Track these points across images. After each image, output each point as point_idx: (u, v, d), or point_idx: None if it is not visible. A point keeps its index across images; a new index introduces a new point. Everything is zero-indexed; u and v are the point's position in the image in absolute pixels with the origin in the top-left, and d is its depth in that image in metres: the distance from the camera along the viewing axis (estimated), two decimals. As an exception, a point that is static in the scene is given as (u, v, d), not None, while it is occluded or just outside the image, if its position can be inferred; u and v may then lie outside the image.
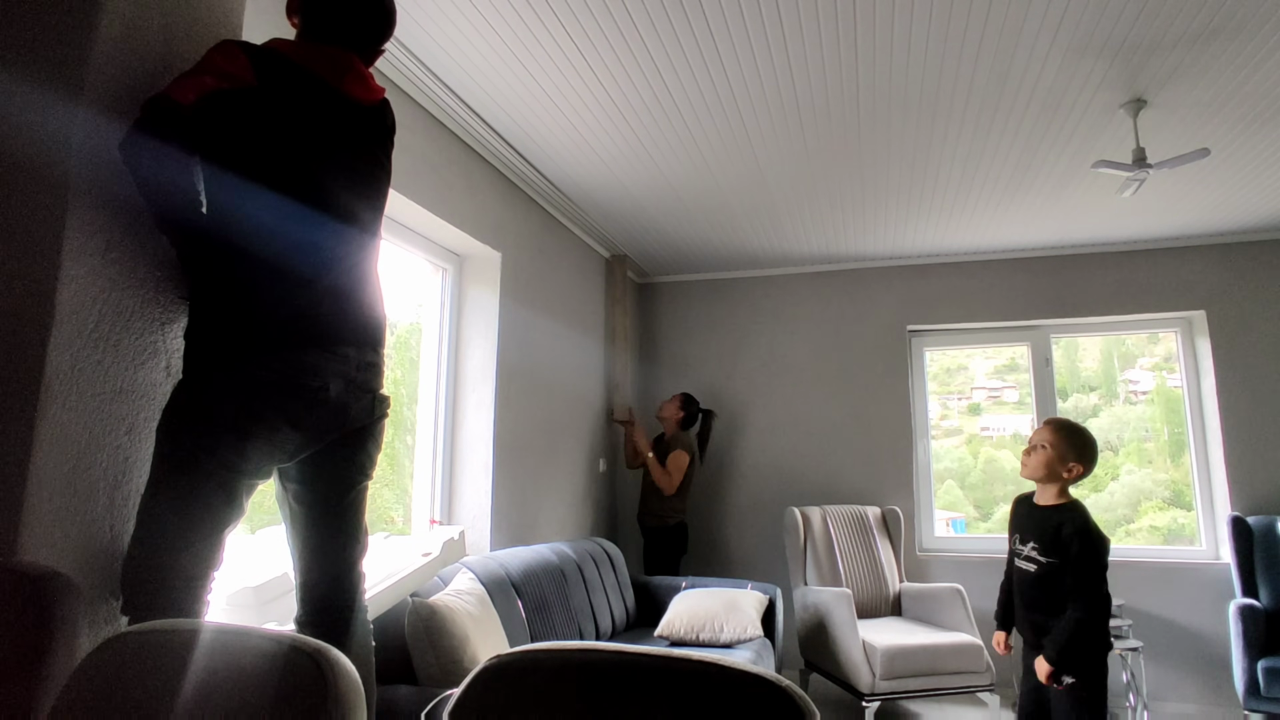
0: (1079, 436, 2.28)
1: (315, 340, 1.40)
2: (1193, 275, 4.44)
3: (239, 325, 1.34)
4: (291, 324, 1.38)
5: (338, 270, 1.46)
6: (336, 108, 1.50)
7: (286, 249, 1.39)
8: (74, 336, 1.27)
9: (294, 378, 1.36)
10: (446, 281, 3.45)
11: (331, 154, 1.49)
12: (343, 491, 1.54)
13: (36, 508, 1.19)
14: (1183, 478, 4.52)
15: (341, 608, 1.53)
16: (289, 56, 1.45)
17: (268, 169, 1.39)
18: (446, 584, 2.47)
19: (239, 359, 1.33)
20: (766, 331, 5.12)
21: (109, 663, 0.85)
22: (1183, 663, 4.09)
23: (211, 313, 1.35)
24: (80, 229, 1.28)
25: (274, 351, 1.35)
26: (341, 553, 1.55)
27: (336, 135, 1.50)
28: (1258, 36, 2.42)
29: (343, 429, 1.49)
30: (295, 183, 1.41)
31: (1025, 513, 2.39)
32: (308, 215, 1.43)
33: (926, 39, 2.44)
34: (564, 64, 2.61)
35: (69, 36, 1.32)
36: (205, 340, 1.35)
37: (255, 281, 1.36)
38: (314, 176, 1.45)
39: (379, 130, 1.62)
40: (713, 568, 4.90)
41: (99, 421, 1.31)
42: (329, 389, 1.42)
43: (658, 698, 0.75)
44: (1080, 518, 2.21)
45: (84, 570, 1.27)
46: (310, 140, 1.45)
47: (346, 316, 1.46)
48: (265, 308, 1.36)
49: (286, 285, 1.38)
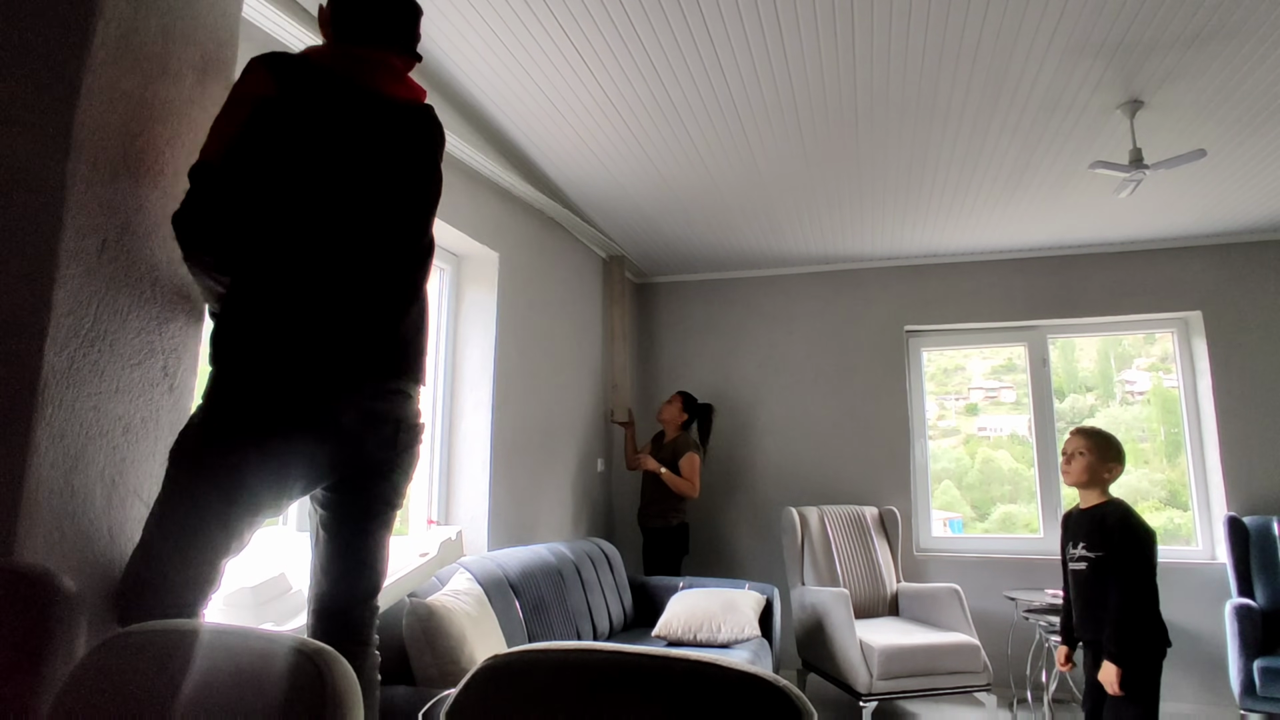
0: (1110, 439, 2.43)
1: (327, 369, 1.35)
2: (1189, 276, 4.45)
3: (251, 355, 1.31)
4: (303, 353, 1.33)
5: (361, 287, 1.39)
6: (367, 106, 1.44)
7: (305, 266, 1.35)
8: (70, 336, 1.27)
9: (304, 411, 1.33)
10: (444, 282, 3.45)
11: (363, 155, 1.42)
12: (365, 522, 1.49)
13: (33, 508, 1.19)
14: (1179, 478, 4.53)
15: (346, 642, 1.47)
16: (314, 60, 1.42)
17: (291, 178, 1.35)
18: (444, 584, 2.47)
19: (251, 392, 1.30)
20: (764, 332, 5.12)
21: (107, 663, 0.85)
22: (1179, 662, 4.09)
23: (228, 338, 1.33)
24: (76, 229, 1.28)
25: (284, 384, 1.32)
26: (356, 586, 1.51)
27: (368, 135, 1.43)
28: (1254, 38, 2.42)
29: (361, 461, 1.43)
30: (319, 192, 1.37)
31: (1074, 520, 2.48)
32: (330, 227, 1.37)
33: (924, 40, 2.44)
34: (563, 65, 2.61)
35: (66, 37, 1.32)
36: (221, 366, 1.32)
37: (270, 305, 1.33)
38: (340, 182, 1.39)
39: (423, 132, 1.54)
40: (710, 568, 4.90)
41: (96, 421, 1.31)
42: (340, 421, 1.36)
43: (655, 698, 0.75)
44: (1122, 509, 2.33)
45: (81, 570, 1.27)
46: (336, 143, 1.39)
47: (366, 340, 1.39)
48: (278, 334, 1.32)
49: (300, 309, 1.33)
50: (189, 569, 1.26)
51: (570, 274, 4.30)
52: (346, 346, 1.37)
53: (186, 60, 1.52)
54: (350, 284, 1.38)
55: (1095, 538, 2.34)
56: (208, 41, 1.58)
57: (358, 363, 1.38)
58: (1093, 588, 2.33)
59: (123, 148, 1.37)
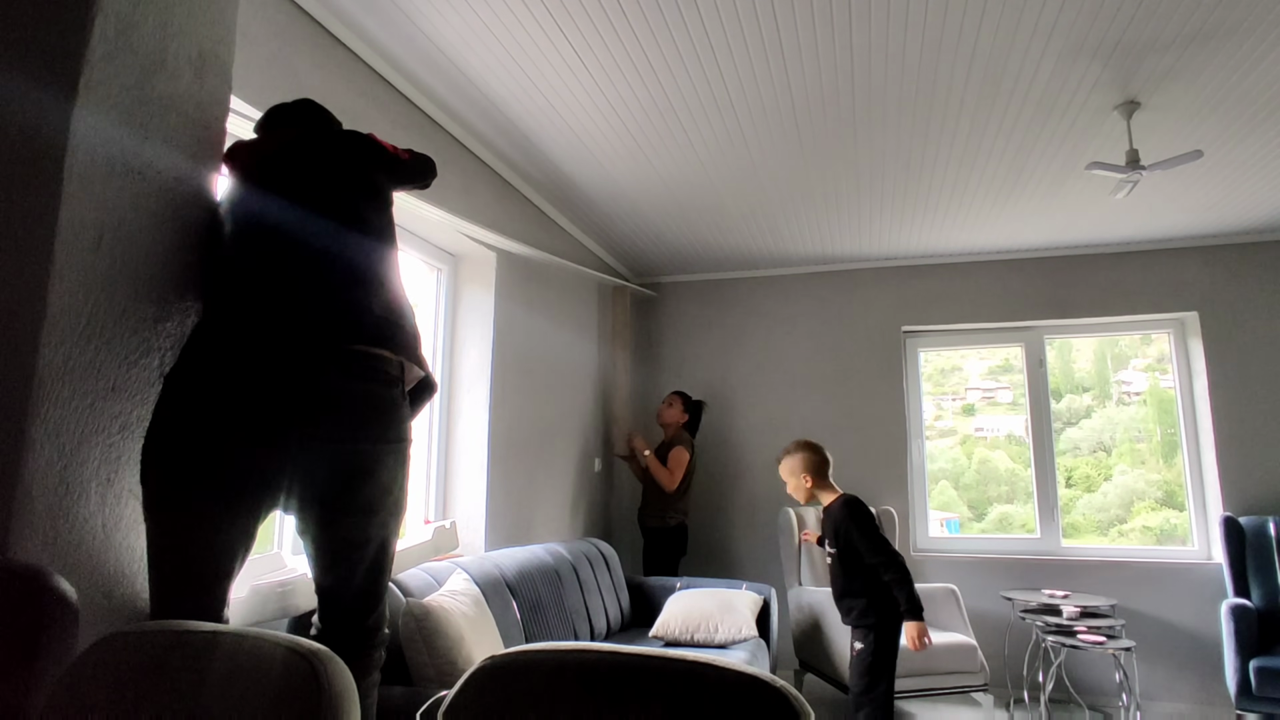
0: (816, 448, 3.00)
1: (259, 361, 1.37)
2: (1186, 277, 4.46)
3: (191, 353, 1.39)
4: (231, 348, 1.37)
5: (301, 294, 1.44)
6: (279, 148, 1.60)
7: (242, 290, 1.43)
8: (66, 334, 1.26)
9: (235, 407, 1.34)
10: (441, 281, 3.45)
11: (282, 182, 1.55)
12: (334, 536, 1.45)
13: (28, 506, 1.19)
14: (1175, 478, 4.54)
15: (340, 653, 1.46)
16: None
17: (237, 222, 1.51)
18: (441, 584, 2.46)
19: (187, 389, 1.35)
20: (761, 332, 5.13)
21: (102, 662, 0.84)
22: (1175, 662, 4.10)
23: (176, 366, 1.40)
24: (73, 225, 1.28)
25: (214, 380, 1.35)
26: (338, 603, 1.49)
27: (283, 165, 1.57)
28: (1251, 39, 2.43)
29: (316, 461, 1.40)
30: (255, 224, 1.50)
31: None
32: (262, 252, 1.47)
33: (921, 41, 2.44)
34: (559, 64, 2.60)
35: (64, 34, 1.31)
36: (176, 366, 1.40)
37: (214, 306, 1.44)
38: (268, 213, 1.51)
39: (324, 142, 1.66)
40: (708, 568, 4.90)
41: (91, 419, 1.30)
42: (270, 418, 1.35)
43: (653, 698, 0.75)
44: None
45: (76, 568, 1.26)
46: (264, 181, 1.54)
47: (302, 331, 1.40)
48: (216, 332, 1.39)
49: (234, 308, 1.41)
50: (181, 584, 1.31)
51: (569, 274, 4.30)
52: (281, 335, 1.40)
53: (184, 56, 1.52)
54: (291, 291, 1.43)
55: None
56: (205, 38, 1.57)
57: (298, 353, 1.39)
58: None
59: (119, 143, 1.37)
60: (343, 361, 1.41)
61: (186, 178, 1.52)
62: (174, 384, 1.37)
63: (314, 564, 1.49)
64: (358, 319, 1.44)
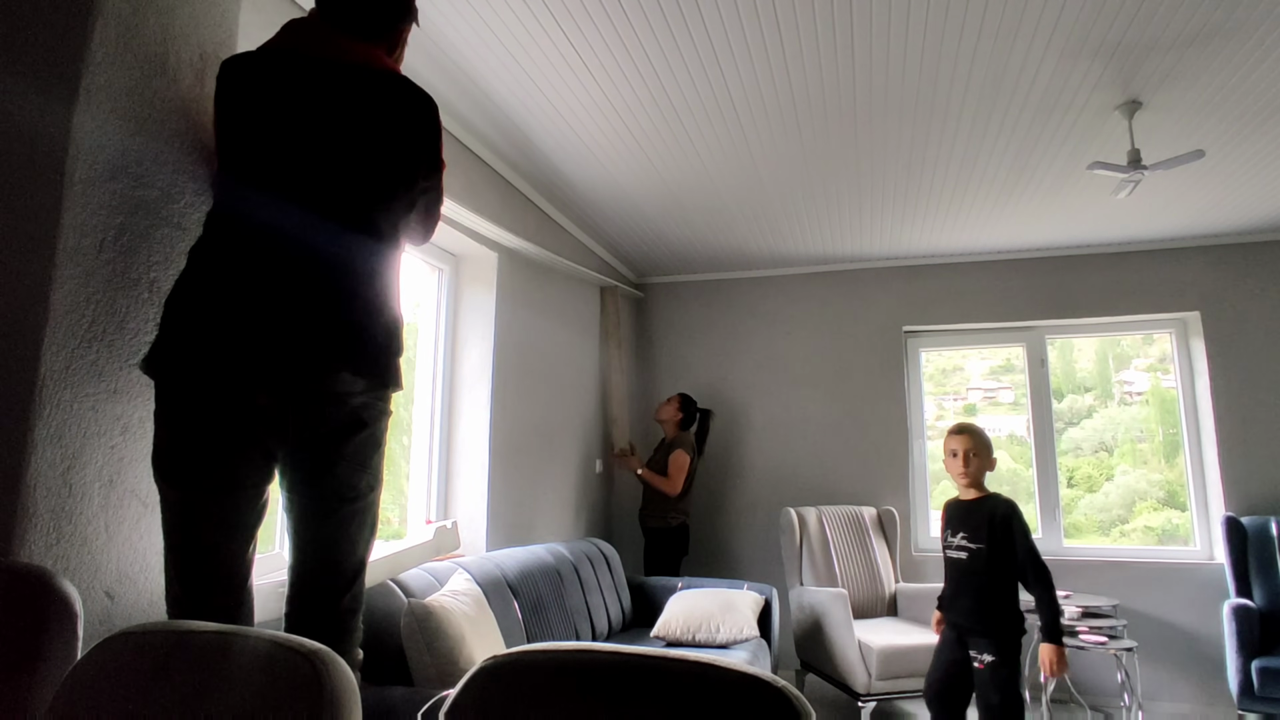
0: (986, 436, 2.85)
1: (243, 349, 1.27)
2: (1187, 276, 4.46)
3: (169, 339, 1.29)
4: (220, 331, 1.27)
5: (288, 265, 1.32)
6: (309, 70, 1.40)
7: (234, 239, 1.33)
8: (68, 336, 1.26)
9: (218, 393, 1.29)
10: (443, 281, 3.45)
11: (302, 116, 1.37)
12: (318, 517, 1.41)
13: (31, 508, 1.19)
14: (1177, 478, 4.53)
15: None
16: (267, 44, 1.45)
17: (237, 155, 1.39)
18: (442, 584, 2.47)
19: (172, 380, 1.30)
20: (763, 332, 5.12)
21: (106, 663, 0.85)
22: (1177, 663, 4.10)
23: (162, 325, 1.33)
24: (75, 229, 1.28)
25: (198, 365, 1.27)
26: (319, 583, 1.43)
27: (307, 96, 1.38)
28: (1253, 38, 2.43)
29: (298, 449, 1.36)
30: (258, 162, 1.36)
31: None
32: (267, 195, 1.34)
33: (923, 41, 2.44)
34: (561, 64, 2.60)
35: (65, 36, 1.32)
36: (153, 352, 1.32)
37: (189, 282, 1.32)
38: (277, 148, 1.36)
39: (378, 94, 1.44)
40: (709, 568, 4.90)
41: (94, 421, 1.30)
42: (255, 402, 1.30)
43: (654, 699, 0.75)
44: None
45: (79, 569, 1.26)
46: (274, 110, 1.37)
47: (291, 319, 1.30)
48: (198, 313, 1.29)
49: (219, 286, 1.30)
50: (183, 578, 1.31)
51: (570, 274, 4.30)
52: (268, 324, 1.29)
53: (185, 59, 1.52)
54: (282, 256, 1.33)
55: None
56: (206, 41, 1.58)
57: (280, 341, 1.29)
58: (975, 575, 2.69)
59: (121, 147, 1.37)
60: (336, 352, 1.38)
61: (189, 181, 1.52)
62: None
63: (298, 526, 1.42)
64: (345, 328, 1.39)
